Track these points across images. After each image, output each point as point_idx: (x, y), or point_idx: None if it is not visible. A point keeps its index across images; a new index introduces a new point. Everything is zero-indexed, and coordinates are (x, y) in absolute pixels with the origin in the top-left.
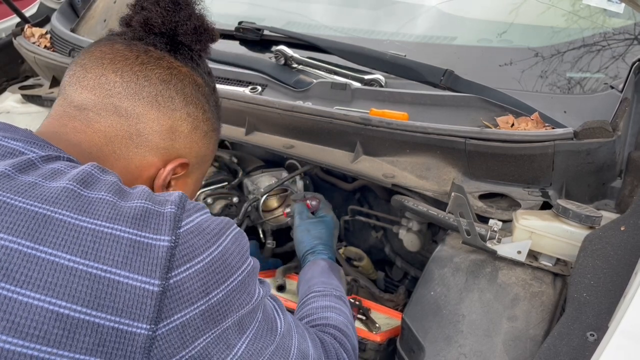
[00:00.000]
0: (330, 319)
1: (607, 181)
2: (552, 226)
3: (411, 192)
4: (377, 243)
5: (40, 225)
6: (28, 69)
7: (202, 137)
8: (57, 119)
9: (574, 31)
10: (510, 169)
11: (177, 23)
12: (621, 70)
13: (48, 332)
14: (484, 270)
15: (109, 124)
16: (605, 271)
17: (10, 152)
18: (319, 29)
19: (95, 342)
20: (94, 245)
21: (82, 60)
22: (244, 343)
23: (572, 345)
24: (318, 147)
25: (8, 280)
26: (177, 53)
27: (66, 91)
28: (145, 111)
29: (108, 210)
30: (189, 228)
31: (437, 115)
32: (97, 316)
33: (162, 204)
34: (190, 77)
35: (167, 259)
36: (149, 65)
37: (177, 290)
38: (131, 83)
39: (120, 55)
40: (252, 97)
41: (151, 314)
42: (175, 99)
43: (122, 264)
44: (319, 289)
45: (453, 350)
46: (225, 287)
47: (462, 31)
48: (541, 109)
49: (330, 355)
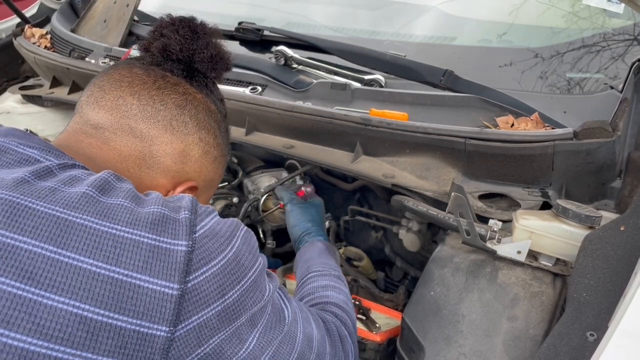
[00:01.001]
0: (331, 297)
1: (607, 181)
2: (551, 226)
3: (411, 192)
4: (377, 243)
5: (63, 230)
6: (28, 69)
7: (212, 161)
8: (73, 135)
9: (574, 32)
10: (510, 169)
11: (194, 51)
12: (621, 71)
13: (72, 334)
14: (483, 270)
15: (124, 143)
16: (605, 271)
17: (26, 160)
18: (319, 29)
19: (117, 344)
20: (115, 250)
21: (101, 82)
22: (255, 336)
23: (572, 345)
24: (318, 147)
25: (33, 283)
26: (193, 79)
27: (83, 110)
28: (159, 134)
29: (127, 216)
30: (203, 232)
31: (437, 115)
32: (119, 319)
33: (177, 210)
34: (204, 104)
35: (185, 264)
36: (166, 90)
37: (195, 293)
38: (147, 106)
39: (139, 79)
40: (252, 98)
41: (170, 316)
42: (189, 124)
43: (142, 269)
44: (318, 269)
45: (453, 350)
46: (240, 287)
47: (462, 31)
48: (541, 109)
49: (332, 333)
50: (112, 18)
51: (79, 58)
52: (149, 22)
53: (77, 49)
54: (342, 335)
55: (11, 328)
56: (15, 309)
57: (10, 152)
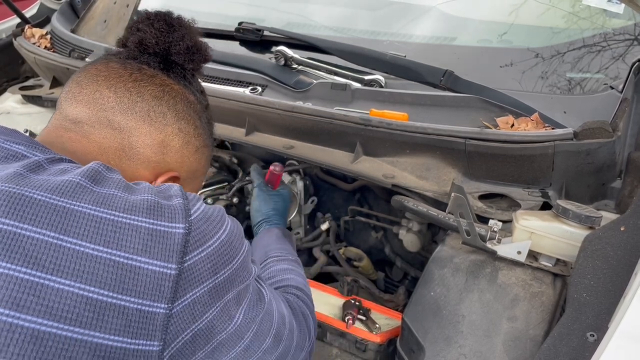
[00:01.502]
0: (291, 280)
1: (607, 181)
2: (552, 226)
3: (411, 193)
4: (377, 243)
5: (62, 217)
6: (28, 70)
7: (194, 152)
8: (53, 131)
9: (574, 32)
10: (510, 170)
11: (170, 43)
12: (621, 71)
13: (80, 314)
14: (483, 270)
15: (103, 136)
16: (605, 271)
17: (13, 155)
18: (319, 29)
19: (122, 322)
20: (115, 234)
21: (78, 77)
22: (241, 313)
23: (572, 346)
24: (318, 148)
25: (39, 268)
26: (170, 72)
27: (62, 106)
28: (137, 125)
29: (122, 203)
30: (198, 215)
31: (437, 115)
32: (123, 299)
33: (169, 198)
34: (182, 95)
35: (182, 245)
36: (142, 82)
37: (190, 272)
38: (124, 98)
39: (115, 73)
40: (252, 98)
41: (169, 294)
42: (167, 114)
43: (142, 251)
44: (277, 254)
45: (453, 350)
46: (230, 266)
47: (462, 32)
48: (541, 109)
49: (296, 312)
50: (112, 18)
51: (79, 58)
52: None
53: (77, 49)
54: (305, 314)
55: (22, 310)
56: (24, 292)
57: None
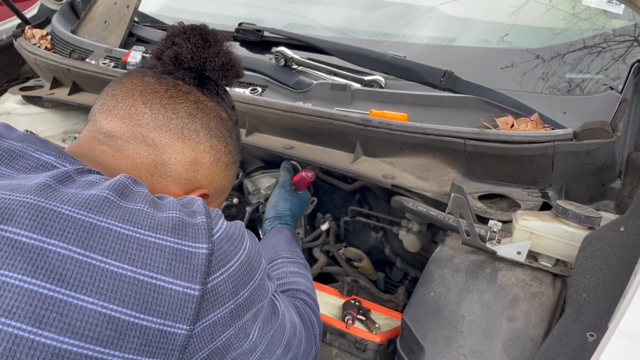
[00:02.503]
0: (300, 284)
1: (607, 182)
2: (551, 227)
3: (411, 193)
4: (377, 244)
5: (89, 233)
6: (29, 70)
7: (223, 169)
8: (86, 142)
9: (574, 32)
10: (509, 170)
11: (205, 59)
12: (621, 71)
13: (101, 333)
14: (483, 270)
15: (136, 151)
16: (605, 272)
17: (43, 165)
18: (319, 30)
19: (142, 342)
20: (140, 252)
21: (114, 90)
22: (256, 329)
23: (572, 346)
24: (318, 148)
25: (63, 284)
26: (204, 88)
27: (96, 118)
28: (171, 142)
29: (148, 221)
30: (220, 235)
31: (437, 116)
32: (145, 319)
33: (192, 215)
34: (215, 112)
35: (206, 265)
36: (177, 99)
37: (213, 294)
38: (159, 115)
39: (150, 88)
40: (252, 98)
41: (191, 316)
42: (200, 132)
43: (166, 271)
44: (287, 255)
45: (453, 350)
46: (250, 286)
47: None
48: (541, 109)
49: (304, 319)
50: (112, 19)
51: (80, 59)
52: (149, 23)
53: (78, 50)
54: (312, 321)
55: (44, 327)
56: (47, 309)
57: (27, 158)
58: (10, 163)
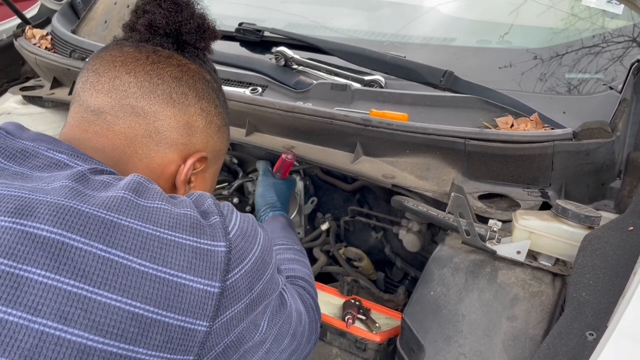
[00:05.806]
0: (297, 271)
1: (606, 181)
2: (551, 226)
3: (411, 193)
4: (377, 243)
5: (110, 230)
6: (29, 70)
7: (217, 131)
8: (77, 126)
9: (573, 32)
10: (509, 170)
11: (180, 23)
12: (620, 71)
13: (125, 330)
14: (483, 270)
15: (128, 125)
16: (604, 271)
17: (56, 164)
18: (319, 30)
19: (164, 339)
20: (161, 251)
21: (94, 65)
22: (265, 321)
23: (571, 345)
24: (318, 148)
25: (86, 281)
26: (184, 51)
27: (81, 97)
28: (161, 109)
29: (167, 219)
30: (235, 232)
31: (437, 116)
32: (167, 316)
33: (205, 214)
34: (199, 74)
35: (225, 263)
36: (160, 64)
37: (232, 290)
38: (145, 82)
39: (131, 57)
40: (252, 98)
41: (211, 312)
42: (189, 94)
43: (187, 269)
44: (283, 242)
45: (453, 350)
46: (263, 280)
47: (461, 32)
48: (540, 109)
49: (307, 306)
50: (112, 19)
51: (80, 59)
52: None
53: (78, 50)
54: (312, 307)
55: (69, 324)
56: (72, 306)
57: (40, 157)
58: (23, 162)
